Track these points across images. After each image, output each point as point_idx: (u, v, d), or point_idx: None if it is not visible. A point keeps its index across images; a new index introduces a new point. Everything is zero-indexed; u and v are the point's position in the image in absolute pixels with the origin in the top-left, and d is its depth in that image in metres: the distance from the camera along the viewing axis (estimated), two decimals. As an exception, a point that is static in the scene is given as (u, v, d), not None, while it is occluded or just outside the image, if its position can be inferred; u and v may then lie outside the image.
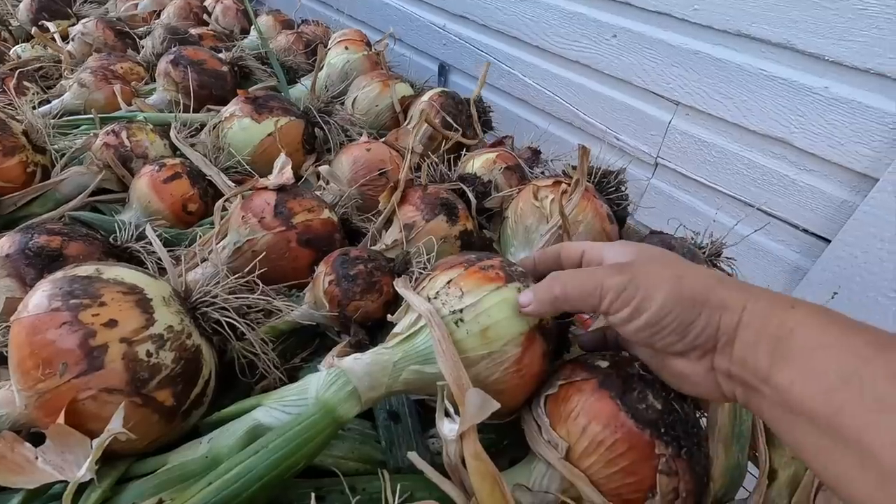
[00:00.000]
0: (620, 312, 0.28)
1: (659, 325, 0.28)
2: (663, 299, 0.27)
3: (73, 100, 0.70)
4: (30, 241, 0.41)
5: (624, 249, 0.31)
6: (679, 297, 0.27)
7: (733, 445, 0.34)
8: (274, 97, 0.63)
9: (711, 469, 0.33)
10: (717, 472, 0.33)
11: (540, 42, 1.22)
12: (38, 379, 0.29)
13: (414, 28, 1.59)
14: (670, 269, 0.28)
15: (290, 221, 0.46)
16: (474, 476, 0.30)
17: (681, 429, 0.31)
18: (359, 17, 1.85)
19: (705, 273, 0.28)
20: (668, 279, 0.27)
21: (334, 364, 0.33)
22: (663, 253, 0.31)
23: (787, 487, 0.33)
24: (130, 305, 0.32)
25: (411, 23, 1.60)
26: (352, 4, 1.83)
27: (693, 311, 0.27)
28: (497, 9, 1.30)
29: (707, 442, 0.33)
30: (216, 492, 0.28)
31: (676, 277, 0.27)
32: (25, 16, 1.07)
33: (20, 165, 0.54)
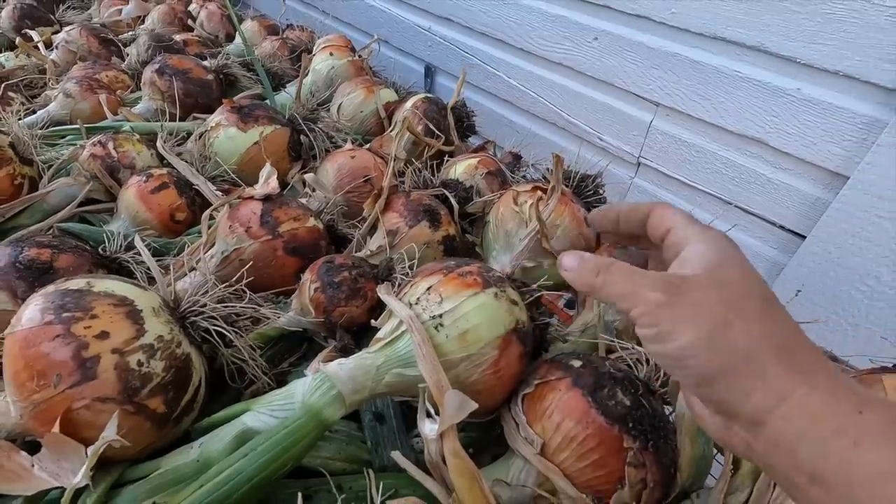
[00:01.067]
0: (645, 330, 0.24)
1: (678, 364, 0.24)
2: (688, 341, 0.23)
3: (58, 110, 0.70)
4: (20, 255, 0.42)
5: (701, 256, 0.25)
6: (710, 346, 0.22)
7: (699, 437, 0.36)
8: (259, 106, 0.64)
9: (678, 460, 0.35)
10: (685, 463, 0.35)
11: (524, 44, 1.23)
12: (33, 390, 0.30)
13: (399, 30, 1.60)
14: (724, 309, 0.23)
15: (277, 230, 0.47)
16: (454, 473, 0.32)
17: (648, 423, 0.33)
18: (344, 20, 1.85)
19: (765, 330, 0.23)
20: (710, 320, 0.23)
21: (319, 369, 0.35)
22: (739, 281, 0.24)
23: (749, 476, 0.35)
24: (121, 317, 0.33)
25: (396, 25, 1.61)
26: (337, 7, 1.84)
27: (719, 368, 0.22)
28: (481, 11, 1.31)
29: (674, 435, 0.35)
30: (207, 494, 0.29)
31: (723, 323, 0.22)
32: (7, 23, 1.06)
33: (7, 178, 0.55)
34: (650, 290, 0.24)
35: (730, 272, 0.24)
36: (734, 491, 0.35)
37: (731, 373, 0.22)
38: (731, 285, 0.24)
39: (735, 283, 0.24)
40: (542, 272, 0.50)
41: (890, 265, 0.78)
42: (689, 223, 0.27)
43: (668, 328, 0.23)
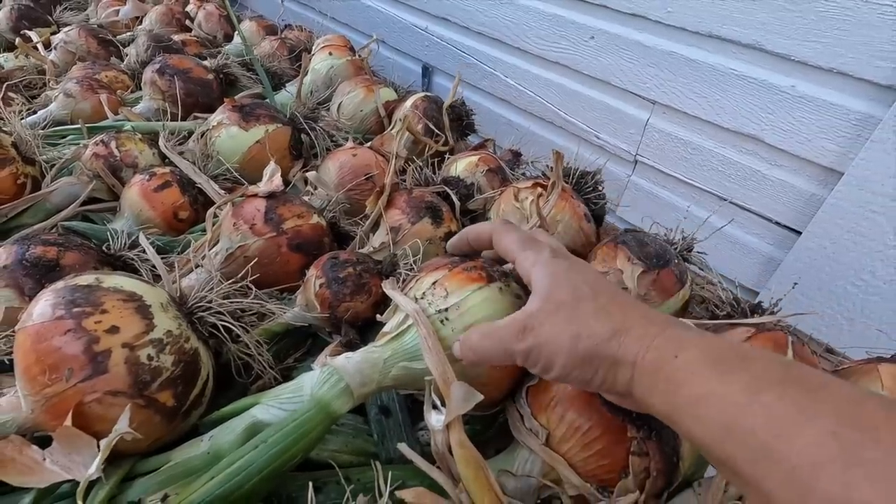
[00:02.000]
0: (533, 369, 0.31)
1: (566, 380, 0.30)
2: (563, 363, 0.29)
3: (59, 110, 0.70)
4: (27, 252, 0.42)
5: (538, 287, 0.31)
6: (576, 358, 0.28)
7: (700, 427, 0.36)
8: (260, 105, 0.65)
9: (680, 450, 0.35)
10: (686, 453, 0.35)
11: (521, 44, 1.24)
12: (45, 384, 0.30)
13: (397, 30, 1.61)
14: (572, 325, 0.29)
15: (281, 227, 0.47)
16: (460, 463, 0.32)
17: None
18: (342, 20, 1.86)
19: (603, 327, 0.28)
20: (567, 341, 0.28)
21: (327, 363, 0.35)
22: (573, 295, 0.30)
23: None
24: (131, 312, 0.33)
25: (394, 25, 1.61)
26: (335, 8, 1.84)
27: (590, 369, 0.28)
28: (478, 11, 1.32)
29: (676, 425, 0.36)
30: (219, 485, 0.30)
31: (574, 337, 0.28)
32: (5, 24, 1.06)
33: (11, 177, 0.55)
34: (517, 344, 0.30)
35: (560, 293, 0.30)
36: (735, 479, 0.36)
37: (598, 367, 0.28)
38: (564, 303, 0.30)
39: (566, 300, 0.30)
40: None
41: (884, 260, 0.79)
42: (522, 251, 0.33)
43: (544, 362, 0.29)
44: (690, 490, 0.36)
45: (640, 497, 0.32)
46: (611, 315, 0.29)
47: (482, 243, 0.38)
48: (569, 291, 0.30)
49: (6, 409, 0.33)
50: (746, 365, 0.24)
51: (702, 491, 0.36)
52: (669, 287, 0.47)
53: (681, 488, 0.36)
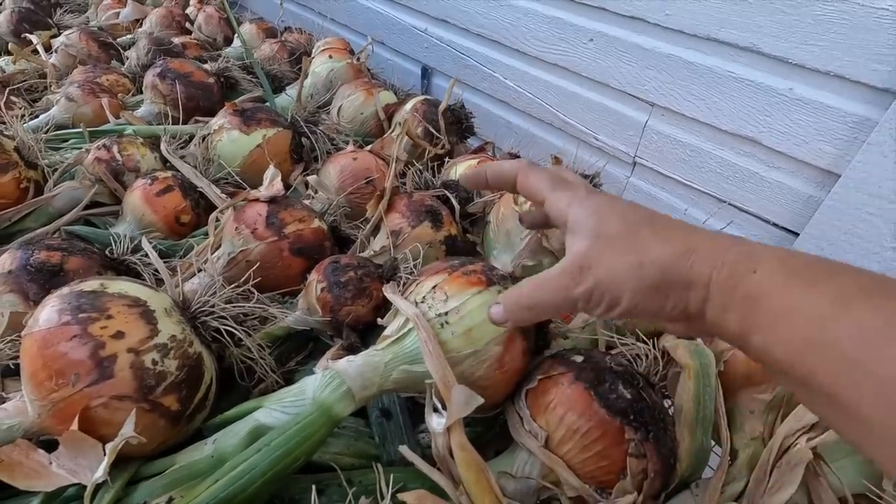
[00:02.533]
0: (595, 311, 0.29)
1: (633, 313, 0.28)
2: (630, 296, 0.27)
3: (61, 114, 0.71)
4: (31, 258, 0.43)
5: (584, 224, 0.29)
6: (643, 288, 0.27)
7: (697, 429, 0.37)
8: (261, 109, 0.65)
9: (678, 451, 0.36)
10: (684, 454, 0.36)
11: (519, 45, 1.25)
12: (52, 389, 0.31)
13: (396, 32, 1.61)
14: (631, 254, 0.27)
15: (282, 231, 0.48)
16: (461, 465, 0.33)
17: (648, 415, 0.34)
18: (341, 21, 1.86)
19: (667, 250, 0.27)
20: (630, 272, 0.27)
21: (329, 366, 0.36)
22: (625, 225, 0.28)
23: (746, 465, 0.37)
24: (135, 317, 0.34)
25: (393, 26, 1.62)
26: (333, 9, 1.84)
27: (660, 297, 0.27)
28: (476, 13, 1.32)
29: (673, 427, 0.36)
30: (223, 488, 0.30)
31: (637, 267, 0.27)
32: (6, 27, 1.06)
33: (14, 182, 0.55)
34: (575, 288, 0.28)
35: (610, 226, 0.29)
36: (731, 480, 0.36)
37: (669, 292, 0.26)
38: (618, 235, 0.28)
39: (619, 231, 0.28)
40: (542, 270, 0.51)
41: (881, 261, 0.79)
42: (553, 191, 0.32)
43: (609, 299, 0.28)
44: (688, 491, 0.37)
45: (637, 498, 0.33)
46: (671, 238, 0.27)
47: (502, 182, 0.36)
48: (619, 223, 0.28)
49: (12, 414, 0.33)
50: (832, 277, 0.22)
51: (699, 492, 0.36)
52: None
53: (678, 489, 0.37)
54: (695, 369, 0.39)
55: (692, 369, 0.39)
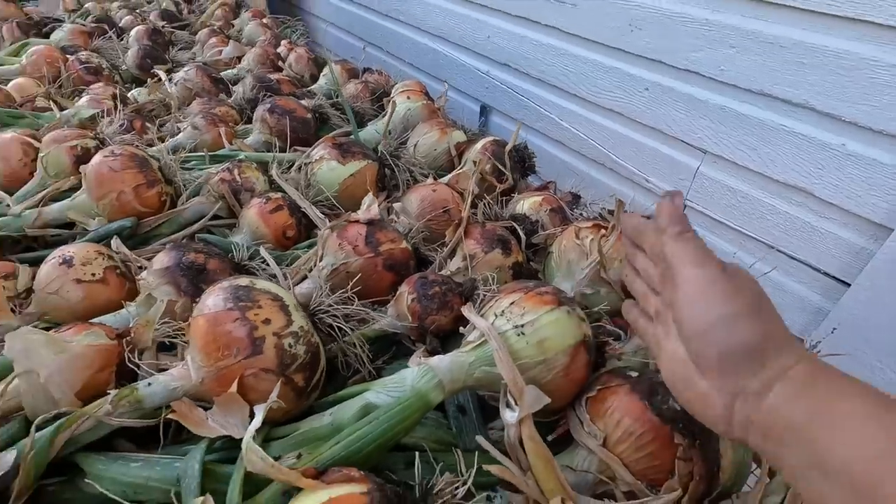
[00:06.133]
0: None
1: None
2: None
3: (186, 139, 0.84)
4: (182, 258, 0.53)
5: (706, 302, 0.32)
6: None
7: (739, 445, 0.42)
8: (355, 143, 0.76)
9: (721, 462, 0.41)
10: (726, 465, 0.41)
11: (577, 90, 1.33)
12: (219, 358, 0.39)
13: (459, 72, 1.74)
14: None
15: (378, 249, 0.57)
16: (531, 454, 0.39)
17: (696, 426, 0.39)
18: (407, 60, 2.01)
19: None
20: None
21: (422, 362, 0.43)
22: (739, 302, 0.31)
23: (784, 483, 0.41)
24: (277, 309, 0.42)
25: (456, 67, 1.74)
26: (401, 49, 2.00)
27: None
28: (538, 59, 1.42)
29: (717, 441, 0.41)
30: (342, 449, 0.38)
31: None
32: (133, 61, 1.25)
33: (157, 195, 0.67)
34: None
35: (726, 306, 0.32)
36: (770, 494, 0.41)
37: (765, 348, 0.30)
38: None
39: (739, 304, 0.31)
40: (600, 299, 0.57)
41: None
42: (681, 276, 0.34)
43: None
44: (729, 501, 0.41)
45: (683, 497, 0.38)
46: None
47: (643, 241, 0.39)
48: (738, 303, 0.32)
49: (177, 378, 0.42)
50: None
51: (740, 503, 0.41)
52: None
53: (720, 498, 0.41)
54: (738, 392, 0.44)
55: (736, 392, 0.44)
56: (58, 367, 0.41)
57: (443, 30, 1.74)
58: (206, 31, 1.51)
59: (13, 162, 0.73)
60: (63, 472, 0.41)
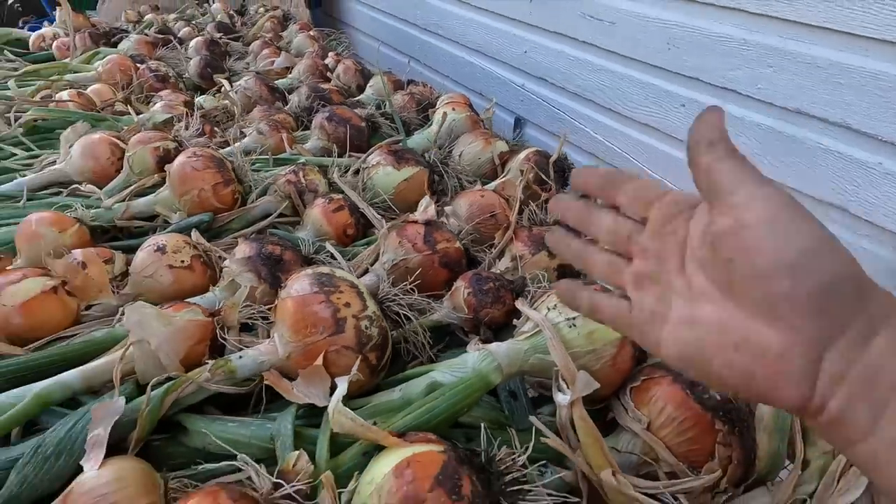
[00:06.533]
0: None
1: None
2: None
3: (251, 143, 0.91)
4: (262, 249, 0.59)
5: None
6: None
7: (775, 435, 0.45)
8: (408, 150, 0.81)
9: (758, 451, 0.44)
10: (762, 454, 0.44)
11: (612, 105, 1.37)
12: (307, 335, 0.45)
13: (494, 85, 1.80)
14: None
15: (435, 247, 0.62)
16: (581, 432, 0.43)
17: (735, 415, 0.43)
18: (443, 72, 2.08)
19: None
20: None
21: (482, 348, 0.48)
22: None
23: (817, 472, 0.44)
24: (355, 294, 0.48)
25: (492, 80, 1.80)
26: (437, 60, 2.07)
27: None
28: (575, 74, 1.47)
29: (755, 431, 0.45)
30: (413, 420, 0.42)
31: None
32: (195, 70, 1.34)
33: (231, 193, 0.74)
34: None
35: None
36: (803, 483, 0.44)
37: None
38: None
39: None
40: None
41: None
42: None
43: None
44: (764, 487, 0.45)
45: (722, 479, 0.42)
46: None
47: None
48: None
49: (264, 353, 0.48)
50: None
51: (774, 489, 0.44)
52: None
53: (756, 485, 0.45)
54: (775, 388, 0.47)
55: (772, 388, 0.47)
56: (166, 337, 0.47)
57: (481, 44, 1.80)
58: (258, 43, 1.61)
59: (102, 160, 0.81)
60: (165, 431, 0.46)
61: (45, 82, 1.15)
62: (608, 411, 0.50)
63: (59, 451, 0.39)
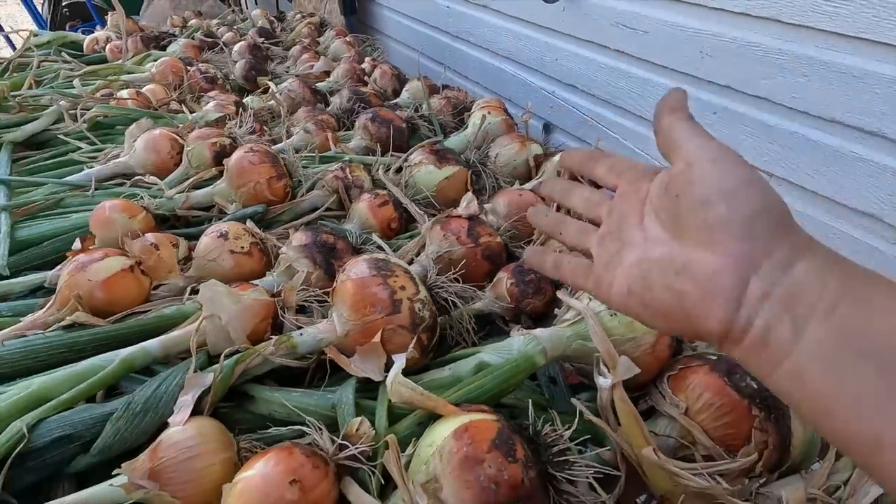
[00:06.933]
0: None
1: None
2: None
3: (299, 142, 0.96)
4: (317, 238, 0.63)
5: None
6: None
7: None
8: (449, 150, 0.85)
9: (792, 439, 0.46)
10: (797, 442, 0.46)
11: (643, 112, 1.39)
12: (365, 314, 0.49)
13: (524, 91, 1.83)
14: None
15: (478, 241, 0.65)
16: (621, 414, 0.46)
17: (771, 402, 0.45)
18: (472, 78, 2.12)
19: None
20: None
21: (526, 333, 0.51)
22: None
23: (851, 462, 0.45)
24: (409, 279, 0.51)
25: (522, 87, 1.83)
26: (467, 66, 2.12)
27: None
28: (605, 81, 1.49)
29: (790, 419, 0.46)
30: (463, 395, 0.46)
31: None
32: (240, 72, 1.41)
33: (283, 187, 0.79)
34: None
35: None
36: (836, 471, 0.45)
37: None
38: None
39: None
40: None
41: None
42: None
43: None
44: (798, 475, 0.46)
45: (758, 463, 0.44)
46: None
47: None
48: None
49: (323, 331, 0.52)
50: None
51: (808, 477, 0.46)
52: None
53: (790, 472, 0.46)
54: (810, 380, 0.49)
55: (807, 380, 0.49)
56: (235, 313, 0.51)
57: (511, 51, 1.84)
58: (298, 48, 1.68)
59: (163, 154, 0.86)
60: (232, 399, 0.50)
61: (103, 82, 1.23)
62: (644, 401, 0.52)
63: (147, 408, 0.44)
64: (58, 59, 1.50)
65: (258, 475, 0.37)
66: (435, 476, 0.36)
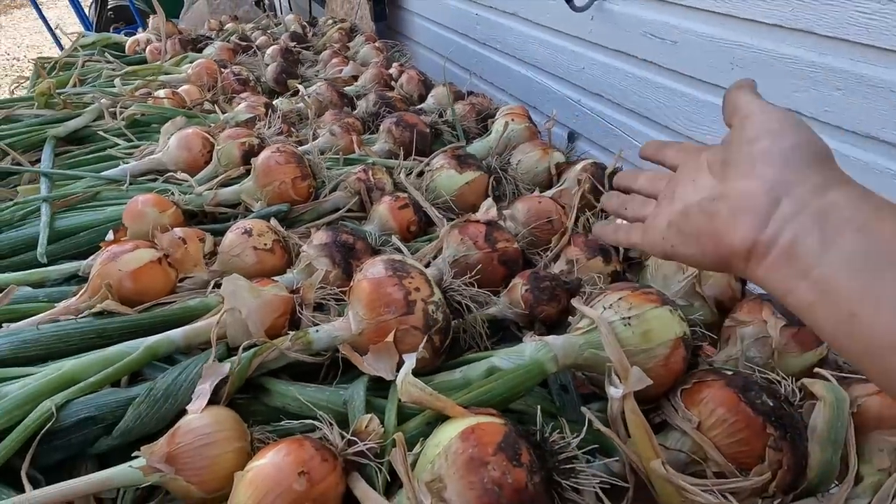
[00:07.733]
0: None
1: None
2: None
3: (324, 144, 0.98)
4: (338, 237, 0.64)
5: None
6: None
7: (828, 446, 0.45)
8: (471, 156, 0.86)
9: (808, 460, 0.44)
10: (814, 464, 0.44)
11: (669, 122, 1.37)
12: (380, 313, 0.49)
13: (549, 99, 1.82)
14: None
15: (495, 246, 0.65)
16: (632, 425, 0.45)
17: (787, 421, 0.44)
18: (498, 85, 2.13)
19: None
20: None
21: (539, 339, 0.51)
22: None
23: (871, 488, 0.44)
24: (424, 280, 0.52)
25: (547, 95, 1.83)
26: (494, 73, 2.12)
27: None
28: (632, 91, 1.48)
29: (807, 440, 0.45)
30: (473, 398, 0.46)
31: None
32: (271, 75, 1.45)
33: (307, 187, 0.81)
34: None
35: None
36: (855, 497, 0.44)
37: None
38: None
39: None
40: (694, 311, 0.62)
41: None
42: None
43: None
44: (814, 498, 0.45)
45: (771, 483, 0.43)
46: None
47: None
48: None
49: (338, 329, 0.53)
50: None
51: (824, 500, 0.45)
52: (808, 342, 0.56)
53: (805, 495, 0.45)
54: (830, 401, 0.47)
55: (828, 401, 0.47)
56: (254, 307, 0.53)
57: (538, 59, 1.84)
58: (328, 52, 1.71)
59: (195, 152, 0.89)
60: (248, 391, 0.52)
61: (142, 81, 1.28)
62: (656, 415, 0.51)
63: (167, 395, 0.45)
64: (101, 60, 1.58)
65: (269, 464, 0.39)
66: (439, 476, 0.36)
